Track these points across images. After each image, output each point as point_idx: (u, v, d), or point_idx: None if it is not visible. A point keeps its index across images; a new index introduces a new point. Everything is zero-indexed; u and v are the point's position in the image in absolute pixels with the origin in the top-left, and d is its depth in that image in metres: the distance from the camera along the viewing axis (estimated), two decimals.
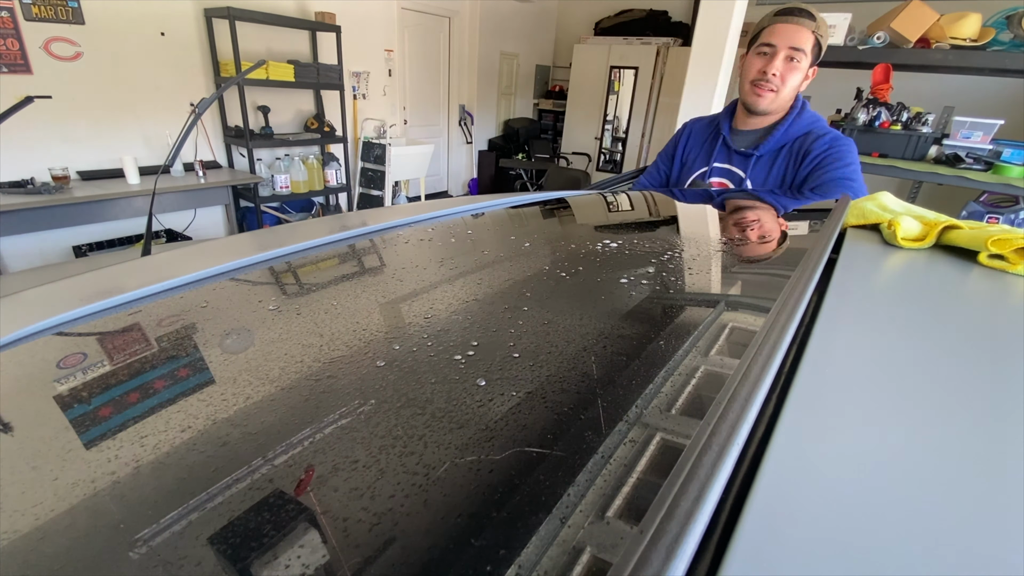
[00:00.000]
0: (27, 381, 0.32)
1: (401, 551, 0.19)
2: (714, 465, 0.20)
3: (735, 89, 1.27)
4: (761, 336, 0.32)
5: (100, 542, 0.19)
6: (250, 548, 0.19)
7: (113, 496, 0.21)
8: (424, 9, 4.82)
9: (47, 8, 2.58)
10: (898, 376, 0.31)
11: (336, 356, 0.32)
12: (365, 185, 4.31)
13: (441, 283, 0.45)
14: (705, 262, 0.56)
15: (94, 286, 0.43)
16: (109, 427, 0.26)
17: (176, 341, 0.36)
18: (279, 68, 3.37)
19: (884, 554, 0.18)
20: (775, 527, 0.19)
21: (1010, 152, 2.47)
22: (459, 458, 0.23)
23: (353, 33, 4.04)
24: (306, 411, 0.26)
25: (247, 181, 3.31)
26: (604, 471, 0.22)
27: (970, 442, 0.25)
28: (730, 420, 0.23)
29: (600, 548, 0.19)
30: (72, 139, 2.82)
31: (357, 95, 4.38)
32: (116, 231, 3.05)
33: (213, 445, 0.24)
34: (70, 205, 2.56)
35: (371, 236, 0.61)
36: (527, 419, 0.26)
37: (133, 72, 2.97)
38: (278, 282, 0.48)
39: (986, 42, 2.41)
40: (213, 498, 0.21)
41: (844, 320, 0.38)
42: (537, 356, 0.32)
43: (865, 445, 0.24)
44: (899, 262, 0.53)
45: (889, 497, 0.20)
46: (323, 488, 0.22)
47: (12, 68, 2.54)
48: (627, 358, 0.34)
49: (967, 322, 0.40)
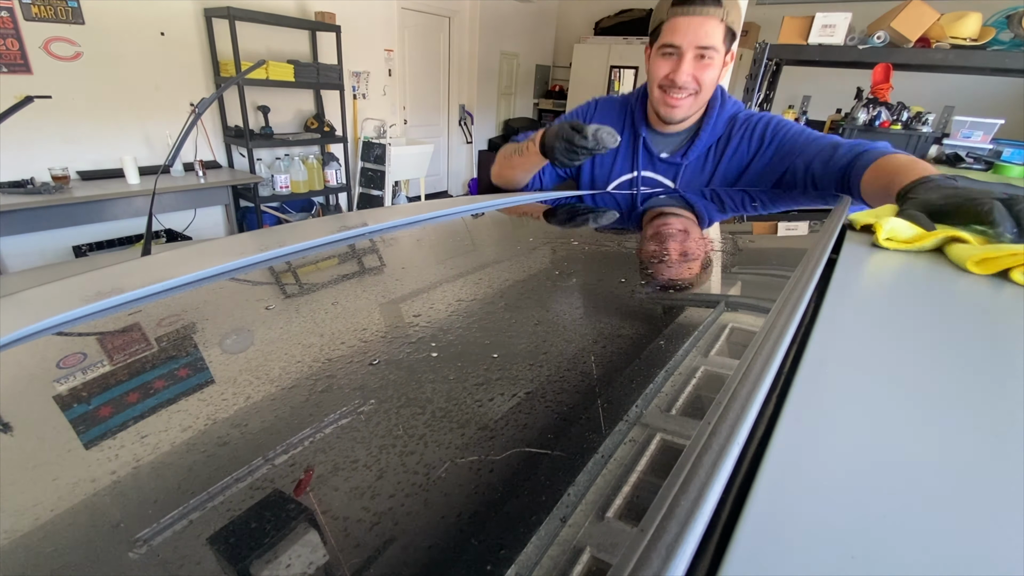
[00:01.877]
0: (27, 381, 0.32)
1: (400, 551, 0.19)
2: (714, 465, 0.20)
3: (735, 88, 1.22)
4: (761, 336, 0.32)
5: (99, 542, 0.19)
6: (250, 548, 0.19)
7: (113, 496, 0.21)
8: (424, 9, 4.82)
9: (47, 8, 2.58)
10: (899, 376, 0.31)
11: (336, 356, 0.32)
12: (365, 185, 4.31)
13: (441, 283, 0.45)
14: (705, 262, 0.56)
15: (94, 286, 0.43)
16: (109, 427, 0.26)
17: (176, 341, 0.36)
18: (279, 68, 3.37)
19: (885, 555, 0.18)
20: (775, 527, 0.19)
21: (1010, 152, 2.47)
22: (459, 457, 0.23)
23: (353, 33, 4.04)
24: (305, 411, 0.26)
25: (247, 181, 3.31)
26: (604, 471, 0.22)
27: (972, 442, 0.25)
28: (730, 420, 0.23)
29: (600, 548, 0.19)
30: (72, 139, 2.82)
31: (357, 95, 4.38)
32: (116, 231, 3.05)
33: (213, 445, 0.24)
34: (70, 205, 2.56)
35: (371, 236, 0.61)
36: (527, 419, 0.26)
37: (133, 72, 2.97)
38: (278, 282, 0.48)
39: (986, 41, 2.41)
40: (213, 498, 0.21)
41: (844, 320, 0.38)
42: (537, 356, 0.32)
43: (866, 445, 0.24)
44: (900, 262, 0.53)
45: (890, 497, 0.21)
46: (322, 487, 0.22)
47: (12, 68, 2.54)
48: (627, 358, 0.34)
49: (969, 322, 0.40)
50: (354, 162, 4.39)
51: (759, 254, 0.65)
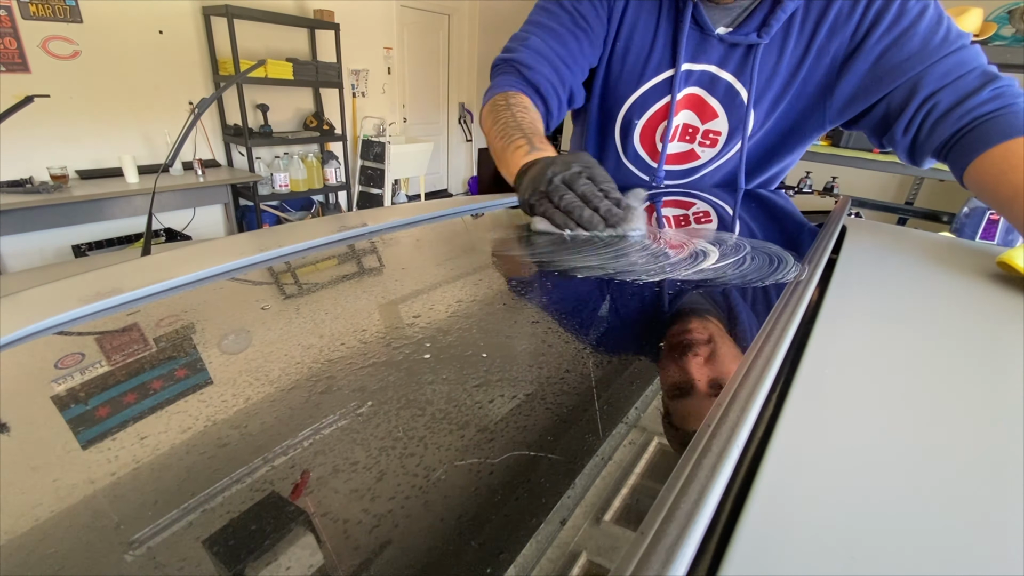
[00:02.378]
0: (27, 381, 0.32)
1: (399, 553, 0.19)
2: (714, 467, 0.20)
3: None
4: (761, 336, 0.32)
5: (98, 543, 0.19)
6: (250, 549, 0.19)
7: (111, 497, 0.21)
8: (423, 7, 4.81)
9: (45, 7, 2.57)
10: (900, 376, 0.31)
11: (336, 357, 0.32)
12: (365, 183, 4.30)
13: (441, 283, 0.45)
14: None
15: (94, 286, 0.43)
16: (107, 427, 0.26)
17: (175, 342, 0.36)
18: (278, 66, 3.36)
19: (886, 556, 0.18)
20: (775, 528, 0.19)
21: None
22: (458, 459, 0.23)
23: (352, 31, 4.03)
24: (305, 411, 0.26)
25: (246, 180, 3.30)
26: (603, 473, 0.22)
27: (973, 442, 0.25)
28: (730, 421, 0.23)
29: (599, 551, 0.19)
30: (71, 138, 2.82)
31: (356, 93, 4.37)
32: (115, 230, 3.05)
33: (212, 446, 0.24)
34: (69, 204, 2.56)
35: (371, 236, 0.61)
36: (525, 420, 0.26)
37: (131, 70, 2.96)
38: (277, 282, 0.48)
39: (987, 37, 2.40)
40: (213, 499, 0.21)
41: (844, 320, 0.38)
42: (537, 356, 0.32)
43: (866, 446, 0.24)
44: (901, 262, 0.53)
45: (891, 499, 0.20)
46: (322, 489, 0.22)
47: (10, 67, 2.53)
48: (625, 358, 0.34)
49: (972, 322, 0.40)
50: (353, 160, 4.39)
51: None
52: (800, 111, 0.71)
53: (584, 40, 0.71)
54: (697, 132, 0.75)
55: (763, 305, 0.40)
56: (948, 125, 0.61)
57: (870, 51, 0.63)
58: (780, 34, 0.65)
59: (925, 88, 0.61)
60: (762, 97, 0.70)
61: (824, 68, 0.66)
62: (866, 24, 0.62)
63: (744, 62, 0.67)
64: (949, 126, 0.61)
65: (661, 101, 0.73)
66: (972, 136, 0.58)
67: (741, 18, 0.66)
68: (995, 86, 0.59)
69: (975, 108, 0.59)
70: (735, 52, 0.67)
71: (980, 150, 0.57)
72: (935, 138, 0.62)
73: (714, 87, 0.71)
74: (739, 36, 0.65)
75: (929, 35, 0.61)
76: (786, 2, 0.62)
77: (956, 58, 0.61)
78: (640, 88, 0.73)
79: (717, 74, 0.69)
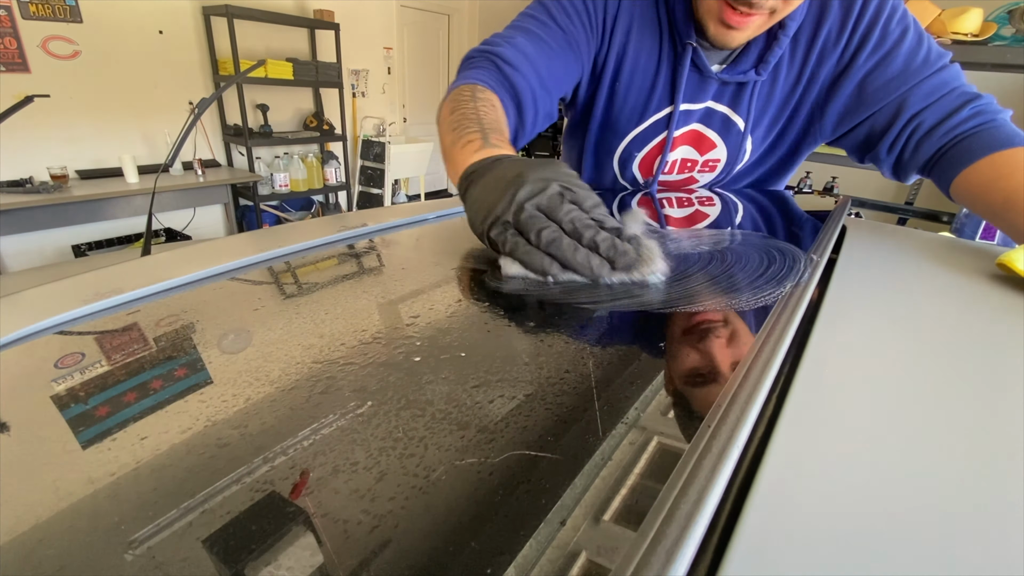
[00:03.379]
0: (26, 381, 0.32)
1: (398, 553, 0.19)
2: (714, 468, 0.20)
3: None
4: (761, 336, 0.32)
5: (98, 544, 0.19)
6: (249, 549, 0.19)
7: (111, 497, 0.21)
8: (423, 7, 4.81)
9: (45, 6, 2.57)
10: (900, 376, 0.31)
11: (336, 357, 0.32)
12: (365, 183, 4.30)
13: (441, 284, 0.45)
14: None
15: (94, 286, 0.43)
16: (107, 427, 0.26)
17: (175, 342, 0.36)
18: (278, 66, 3.37)
19: (886, 556, 0.18)
20: (775, 529, 0.19)
21: None
22: (458, 460, 0.23)
23: (352, 31, 4.03)
24: (305, 411, 0.26)
25: (246, 180, 3.30)
26: (603, 473, 0.22)
27: (974, 442, 0.25)
28: (730, 421, 0.23)
29: (599, 551, 0.19)
30: (70, 138, 2.82)
31: (356, 93, 4.38)
32: (115, 230, 3.05)
33: (213, 445, 0.24)
34: (69, 204, 2.56)
35: (371, 236, 0.61)
36: (525, 420, 0.26)
37: (131, 70, 2.96)
38: (277, 282, 0.48)
39: (987, 37, 2.40)
40: (212, 499, 0.21)
41: (844, 320, 0.38)
42: (537, 356, 0.32)
43: (866, 446, 0.24)
44: (901, 262, 0.53)
45: (891, 499, 0.20)
46: (320, 488, 0.22)
47: (10, 67, 2.53)
48: (625, 358, 0.34)
49: (972, 322, 0.40)
50: (353, 160, 4.39)
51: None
52: (796, 132, 0.74)
53: (573, 63, 0.69)
54: (696, 163, 0.77)
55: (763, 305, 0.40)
56: (932, 143, 0.63)
57: (856, 73, 0.65)
58: (788, 56, 0.67)
59: (910, 108, 0.63)
60: (758, 125, 0.72)
61: (815, 92, 0.69)
62: (852, 47, 0.64)
63: (740, 95, 0.69)
64: (933, 143, 0.63)
65: (660, 136, 0.75)
66: (957, 151, 0.61)
67: (736, 54, 0.67)
68: (975, 105, 0.62)
69: (958, 125, 0.61)
70: (731, 86, 0.69)
71: (966, 163, 0.59)
72: (920, 156, 0.65)
73: (711, 120, 0.73)
74: (738, 75, 0.67)
75: (911, 56, 0.63)
76: (782, 38, 0.63)
77: (938, 78, 0.63)
78: (641, 125, 0.74)
79: (714, 108, 0.71)
